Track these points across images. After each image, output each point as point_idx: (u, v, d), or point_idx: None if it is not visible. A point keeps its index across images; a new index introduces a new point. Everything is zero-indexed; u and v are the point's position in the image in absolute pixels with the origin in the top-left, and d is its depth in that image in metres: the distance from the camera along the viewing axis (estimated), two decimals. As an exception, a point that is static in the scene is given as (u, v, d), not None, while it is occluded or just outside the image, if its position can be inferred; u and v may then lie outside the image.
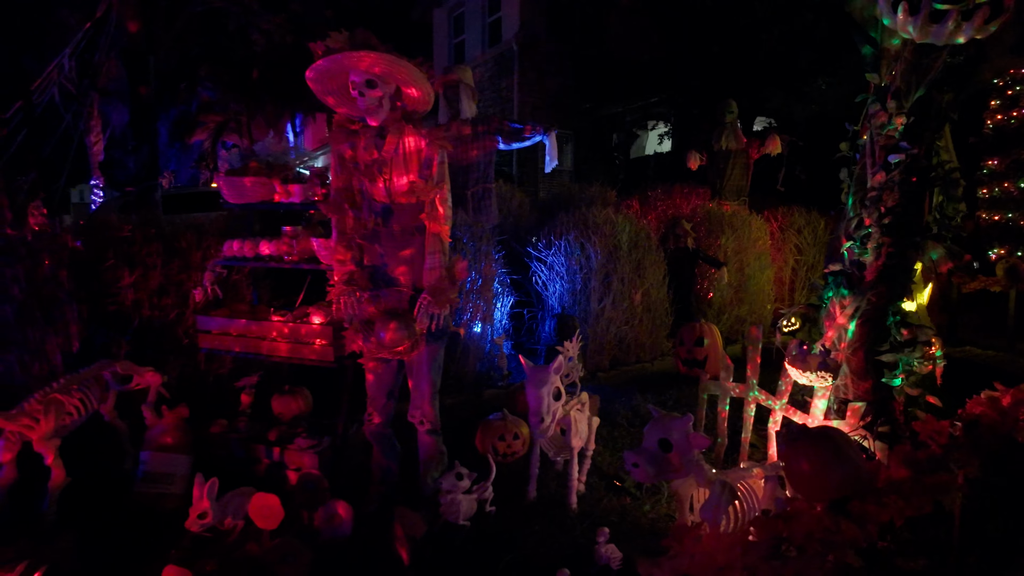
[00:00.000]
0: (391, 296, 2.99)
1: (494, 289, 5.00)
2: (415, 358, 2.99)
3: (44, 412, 2.80)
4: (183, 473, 3.15)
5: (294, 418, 3.44)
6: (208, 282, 3.44)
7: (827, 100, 12.99)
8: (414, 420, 3.09)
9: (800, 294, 7.85)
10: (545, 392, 2.87)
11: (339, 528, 2.59)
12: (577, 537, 2.83)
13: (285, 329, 3.21)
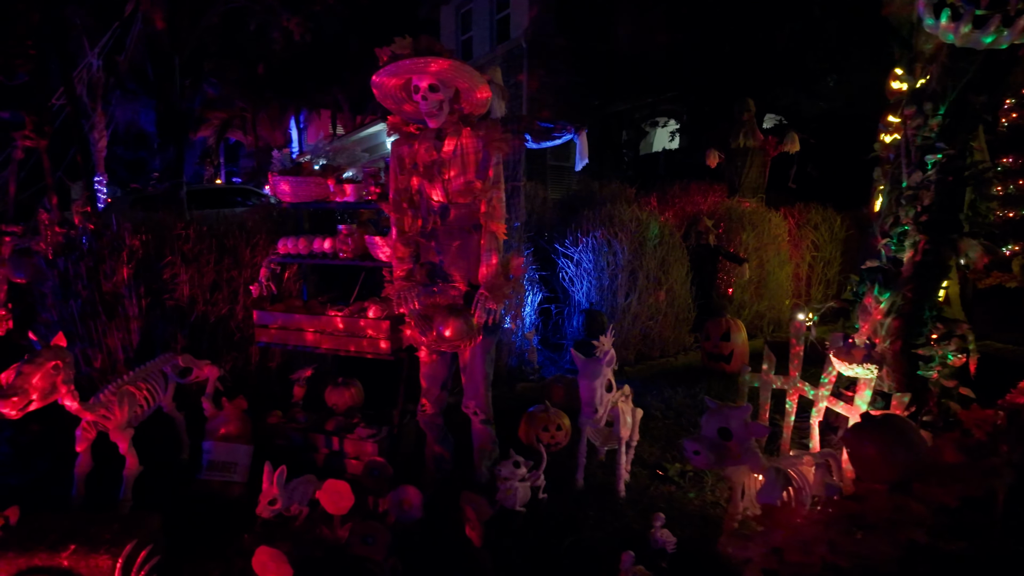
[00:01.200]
0: (447, 292, 3.11)
1: (523, 285, 5.13)
2: (470, 351, 3.12)
3: (119, 403, 2.92)
4: (245, 462, 3.28)
5: (348, 409, 3.56)
6: (264, 278, 3.56)
7: (835, 98, 13.09)
8: (468, 411, 3.21)
9: (816, 290, 7.97)
10: (598, 384, 3.00)
11: (409, 512, 2.72)
12: (630, 522, 2.96)
13: (342, 323, 3.33)
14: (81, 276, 3.48)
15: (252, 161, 28.98)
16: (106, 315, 3.50)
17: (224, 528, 2.90)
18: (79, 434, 2.91)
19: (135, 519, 2.54)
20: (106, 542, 2.37)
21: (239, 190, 14.32)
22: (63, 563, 2.30)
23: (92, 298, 3.47)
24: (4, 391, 2.47)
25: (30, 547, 2.34)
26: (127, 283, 3.53)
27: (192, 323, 3.72)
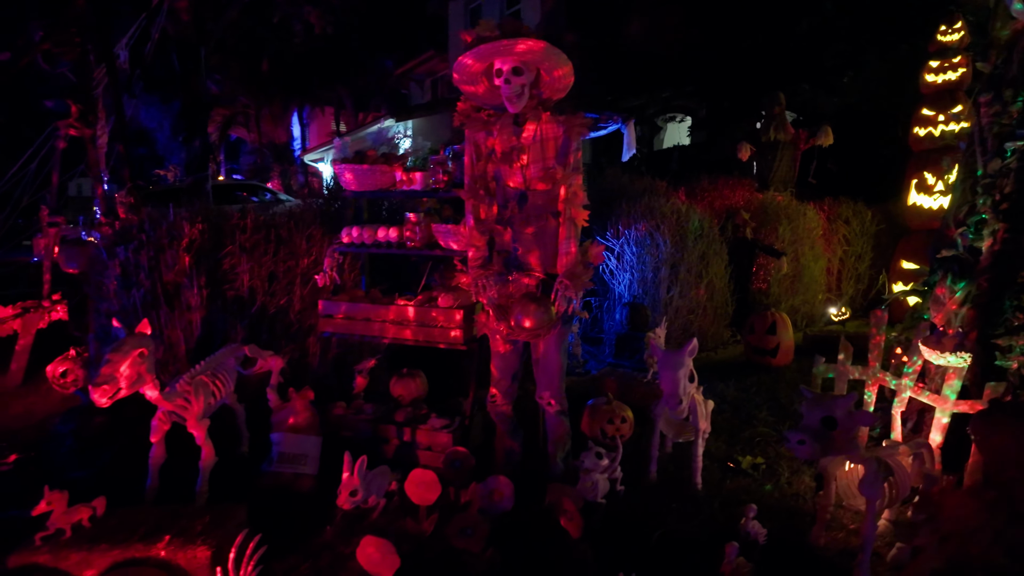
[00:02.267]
0: (521, 281, 3.05)
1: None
2: (545, 341, 3.06)
3: (195, 393, 2.87)
4: (315, 454, 3.23)
5: (413, 400, 3.51)
6: (329, 267, 3.50)
7: (850, 94, 13.05)
8: (542, 401, 3.16)
9: (847, 284, 7.94)
10: (682, 375, 2.96)
11: (500, 503, 2.67)
12: (714, 514, 2.91)
13: (414, 313, 3.28)
14: (142, 266, 3.42)
15: (254, 158, 28.87)
16: (167, 305, 3.44)
17: (301, 520, 2.85)
18: (155, 424, 2.86)
19: (224, 511, 2.49)
20: (200, 534, 2.32)
21: (246, 186, 14.29)
22: (160, 554, 2.25)
23: (154, 288, 3.42)
24: (95, 379, 2.41)
25: (124, 539, 2.29)
26: (188, 273, 3.48)
27: (252, 314, 3.66)
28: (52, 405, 4.37)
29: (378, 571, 2.24)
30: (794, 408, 4.32)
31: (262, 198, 12.50)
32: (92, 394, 2.41)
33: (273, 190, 15.35)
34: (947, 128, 6.77)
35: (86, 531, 2.35)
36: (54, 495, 2.31)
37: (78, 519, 2.36)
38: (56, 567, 2.24)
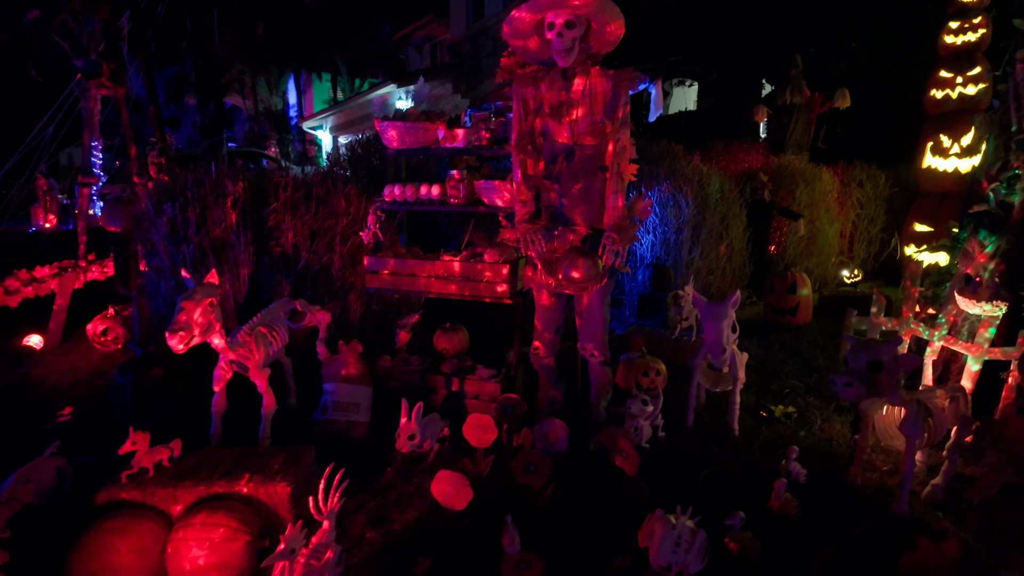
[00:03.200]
0: (566, 236, 3.13)
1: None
2: (591, 294, 3.16)
3: (255, 343, 2.96)
4: (367, 403, 3.34)
5: (457, 353, 3.62)
6: (372, 224, 3.57)
7: (859, 58, 12.93)
8: (585, 352, 3.27)
9: (859, 247, 8.04)
10: (725, 325, 3.06)
11: (555, 445, 2.80)
12: (754, 458, 3.06)
13: (460, 268, 3.36)
14: (190, 222, 3.48)
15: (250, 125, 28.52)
16: (216, 261, 3.50)
17: (361, 464, 2.97)
18: (217, 374, 2.96)
19: (296, 452, 2.61)
20: (277, 472, 2.44)
21: (244, 153, 14.22)
22: (242, 490, 2.37)
23: (202, 245, 3.48)
24: (171, 326, 2.50)
25: (206, 477, 2.41)
26: (234, 229, 3.53)
27: (297, 271, 3.73)
28: (95, 362, 4.48)
29: (452, 503, 2.37)
30: (817, 363, 4.46)
31: (259, 165, 12.45)
32: (168, 340, 2.50)
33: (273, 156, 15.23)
34: (965, 90, 6.77)
35: (168, 470, 2.47)
36: (138, 435, 2.42)
37: (159, 459, 2.47)
38: (144, 502, 2.36)
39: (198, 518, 2.21)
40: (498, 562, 2.26)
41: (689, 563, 2.06)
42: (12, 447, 3.27)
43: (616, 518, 2.50)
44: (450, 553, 2.30)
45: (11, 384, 4.11)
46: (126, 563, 2.13)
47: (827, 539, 2.24)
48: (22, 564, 2.20)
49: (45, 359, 4.46)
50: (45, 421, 3.57)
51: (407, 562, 2.27)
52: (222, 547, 2.15)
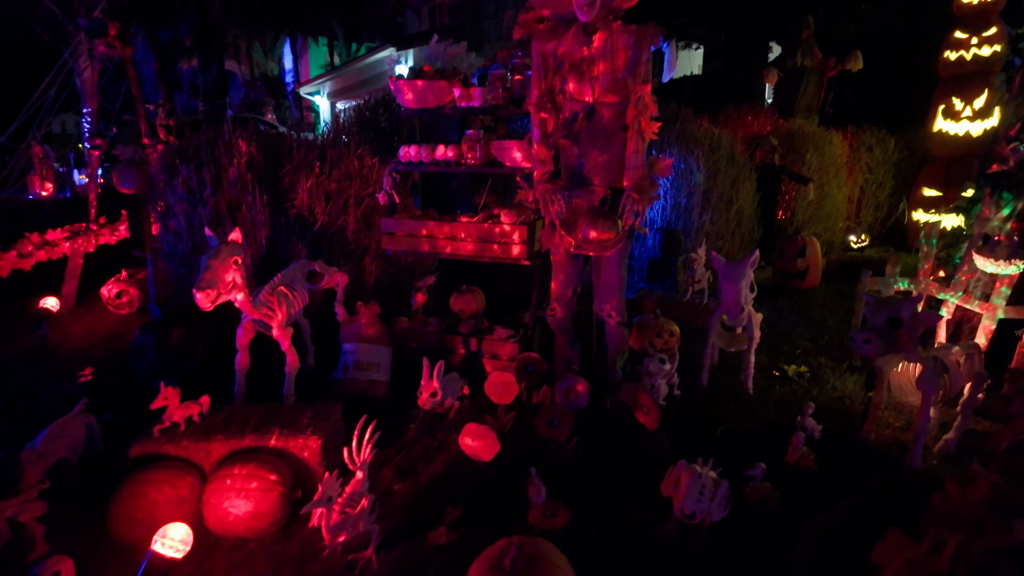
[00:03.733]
0: (584, 196, 3.12)
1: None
2: (609, 255, 3.17)
3: (277, 302, 2.98)
4: (386, 363, 3.39)
5: (473, 314, 3.65)
6: (388, 186, 3.55)
7: (869, 21, 12.68)
8: (602, 313, 3.30)
9: (866, 213, 8.01)
10: (743, 285, 3.09)
11: (576, 401, 2.85)
12: (770, 414, 3.11)
13: (477, 230, 3.36)
14: (205, 184, 3.46)
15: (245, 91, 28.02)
16: (232, 222, 3.50)
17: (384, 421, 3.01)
18: (240, 333, 2.99)
19: (323, 408, 2.66)
20: (307, 426, 2.49)
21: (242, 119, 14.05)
22: (272, 444, 2.42)
23: (218, 206, 3.47)
24: (199, 283, 2.52)
25: (237, 431, 2.46)
26: (250, 191, 3.52)
27: (313, 234, 3.73)
28: (111, 325, 4.51)
29: (479, 455, 2.43)
30: (827, 325, 4.50)
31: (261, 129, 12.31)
32: (196, 297, 2.52)
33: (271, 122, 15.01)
34: (979, 52, 6.67)
35: (198, 425, 2.52)
36: (168, 391, 2.46)
37: (189, 414, 2.52)
38: (177, 456, 2.42)
39: (234, 470, 2.26)
40: (525, 511, 2.33)
41: (713, 511, 2.12)
42: (37, 407, 3.32)
43: (637, 470, 2.56)
44: (478, 502, 2.36)
45: (30, 346, 4.15)
46: (164, 513, 2.19)
47: (843, 492, 2.31)
48: (59, 515, 2.26)
49: (61, 322, 4.48)
50: (67, 382, 3.62)
51: (436, 511, 2.34)
52: (258, 497, 2.21)
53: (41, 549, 2.19)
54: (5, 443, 2.98)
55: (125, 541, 2.20)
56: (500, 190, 4.36)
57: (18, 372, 3.80)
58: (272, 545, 2.22)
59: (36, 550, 2.19)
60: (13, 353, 4.16)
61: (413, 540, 2.21)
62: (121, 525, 2.20)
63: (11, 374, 3.78)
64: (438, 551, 2.15)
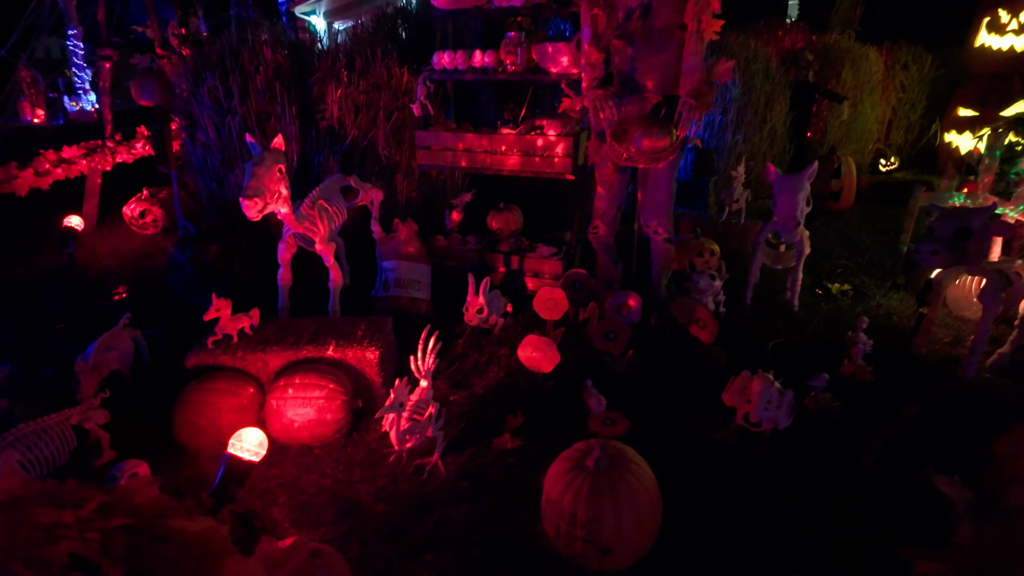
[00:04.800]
0: (635, 103, 2.97)
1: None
2: (659, 168, 3.04)
3: (319, 216, 2.89)
4: (426, 280, 3.34)
5: (511, 232, 3.57)
6: (422, 96, 3.38)
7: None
8: (648, 230, 3.21)
9: (896, 134, 7.76)
10: (800, 198, 2.98)
11: (629, 316, 2.82)
12: (818, 329, 3.09)
13: (518, 143, 3.22)
14: (232, 93, 3.28)
15: (236, 11, 26.57)
16: (262, 133, 3.35)
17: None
18: (282, 247, 2.92)
19: (375, 321, 2.62)
20: (362, 338, 2.46)
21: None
22: (329, 355, 2.40)
23: (247, 117, 3.31)
24: (245, 191, 2.42)
25: (292, 343, 2.43)
26: (279, 100, 3.35)
27: (344, 149, 3.58)
28: (136, 245, 4.44)
29: (538, 366, 2.41)
30: (865, 245, 4.43)
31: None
32: (243, 205, 2.43)
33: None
34: (1032, -43, 6.24)
35: (252, 337, 2.49)
36: (221, 302, 2.41)
37: (241, 326, 2.48)
38: (234, 367, 2.40)
39: (295, 379, 2.25)
40: (582, 420, 2.34)
41: (780, 419, 2.12)
42: (77, 323, 3.30)
43: (693, 382, 2.56)
44: (536, 412, 2.37)
45: (58, 265, 4.10)
46: (228, 421, 2.20)
47: (898, 403, 2.31)
48: (120, 423, 2.27)
49: (86, 242, 4.41)
50: (101, 299, 3.59)
51: (494, 420, 2.35)
52: (322, 405, 2.21)
53: (108, 455, 2.22)
54: (51, 357, 2.98)
55: (190, 447, 2.22)
56: (532, 104, 4.17)
57: (51, 290, 3.76)
58: (337, 451, 2.24)
59: (103, 456, 2.21)
60: (41, 271, 4.12)
61: (478, 445, 2.23)
62: (186, 432, 2.21)
63: (44, 292, 3.75)
64: (504, 455, 2.17)
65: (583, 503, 1.61)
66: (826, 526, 1.85)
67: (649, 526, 1.66)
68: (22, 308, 3.53)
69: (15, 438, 2.01)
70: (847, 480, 2.02)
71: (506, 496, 2.01)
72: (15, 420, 2.29)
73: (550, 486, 1.71)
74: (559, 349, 2.80)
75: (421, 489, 2.06)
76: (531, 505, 1.96)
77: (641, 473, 1.70)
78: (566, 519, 1.63)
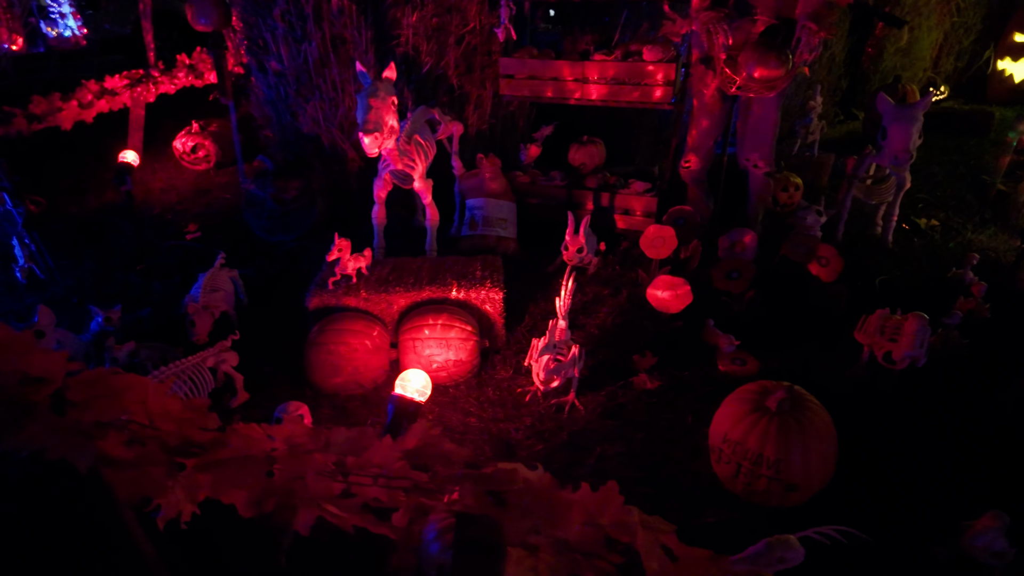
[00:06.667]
0: (744, 26, 2.80)
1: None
2: (767, 98, 2.91)
3: (416, 152, 2.77)
4: (512, 219, 3.25)
5: (595, 167, 3.45)
6: (506, 18, 3.17)
7: None
8: (748, 164, 3.11)
9: (946, 61, 7.48)
10: (915, 129, 2.87)
11: (743, 254, 2.76)
12: (920, 265, 3.06)
13: (615, 70, 3.06)
14: (306, 16, 3.06)
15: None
16: (337, 61, 3.16)
17: (520, 276, 2.94)
18: (378, 184, 2.81)
19: (487, 259, 2.57)
20: (484, 278, 2.41)
21: None
22: (452, 295, 2.36)
23: (324, 42, 3.11)
24: (364, 125, 2.30)
25: (413, 284, 2.38)
26: (355, 24, 3.13)
27: (420, 78, 3.40)
28: (191, 181, 4.29)
29: (667, 307, 2.38)
30: (939, 178, 4.34)
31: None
32: (364, 142, 2.31)
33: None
34: None
35: (370, 278, 2.43)
36: (343, 242, 2.34)
37: (359, 266, 2.42)
38: (357, 307, 2.36)
39: (427, 320, 2.21)
40: (707, 358, 2.33)
41: (921, 357, 2.12)
42: (154, 262, 3.22)
43: (813, 320, 2.54)
44: (665, 349, 2.35)
45: (114, 202, 3.97)
46: (363, 361, 2.18)
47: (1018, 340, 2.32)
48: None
49: (136, 177, 4.24)
50: (173, 238, 3.50)
51: (617, 359, 2.34)
52: (458, 346, 2.19)
53: (242, 396, 2.21)
54: (143, 297, 2.93)
55: (326, 387, 2.21)
56: (602, 28, 3.95)
57: (114, 228, 3.66)
58: (472, 391, 2.24)
59: (238, 397, 2.20)
60: (96, 208, 4.00)
61: (614, 385, 2.23)
62: (324, 372, 2.19)
63: (108, 230, 3.64)
64: (644, 395, 2.17)
65: (771, 443, 1.61)
66: (983, 463, 1.88)
67: (830, 462, 1.68)
68: (89, 246, 3.44)
69: (156, 380, 1.98)
70: (994, 418, 2.04)
71: (655, 434, 2.03)
72: (142, 361, 2.27)
73: (728, 427, 1.71)
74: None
75: (567, 427, 2.07)
76: (683, 444, 1.98)
77: (821, 412, 1.70)
78: (751, 458, 1.64)
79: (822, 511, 1.69)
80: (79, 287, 3.04)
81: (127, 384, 1.21)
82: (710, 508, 1.75)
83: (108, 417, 1.20)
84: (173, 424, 1.20)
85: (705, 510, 1.74)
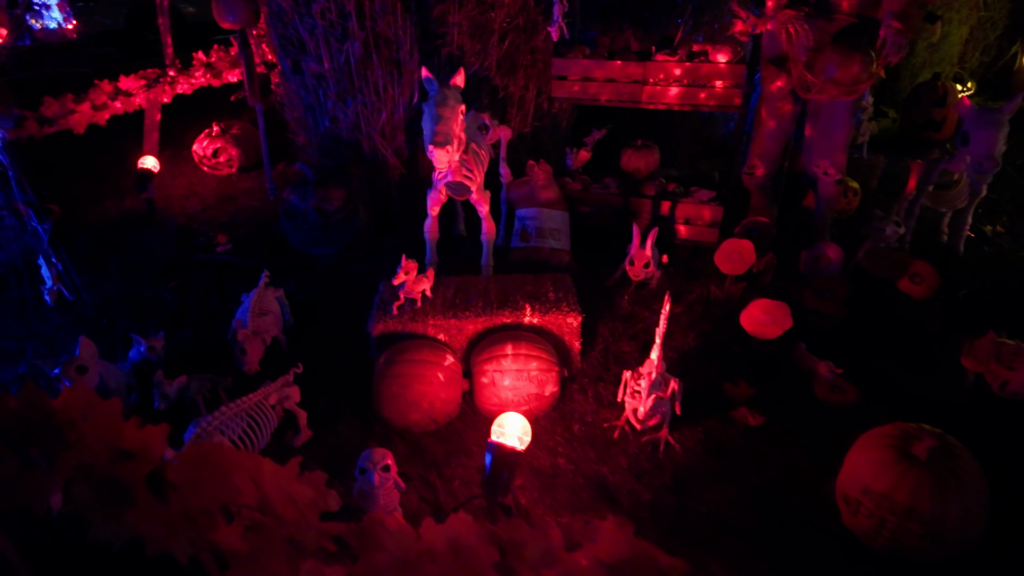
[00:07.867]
0: (819, 25, 2.63)
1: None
2: (841, 101, 2.74)
3: (474, 162, 2.58)
4: (566, 229, 3.07)
5: (649, 173, 3.27)
6: (558, 15, 2.97)
7: None
8: (817, 170, 2.94)
9: (971, 56, 7.34)
10: (1002, 135, 2.71)
11: (827, 268, 2.60)
12: (1000, 277, 2.91)
13: (681, 71, 2.87)
14: (348, 14, 2.85)
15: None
16: (380, 63, 2.95)
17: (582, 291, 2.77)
18: (434, 197, 2.62)
19: (557, 278, 2.39)
20: (558, 301, 2.24)
21: None
22: (524, 320, 2.18)
23: (367, 42, 2.89)
24: (434, 137, 2.10)
25: (483, 308, 2.20)
26: (400, 24, 2.92)
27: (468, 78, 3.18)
28: (213, 186, 4.07)
29: (764, 331, 2.21)
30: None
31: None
32: (435, 156, 2.13)
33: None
34: None
35: (435, 301, 2.25)
36: (409, 264, 2.15)
37: (423, 289, 2.24)
38: (425, 334, 2.17)
39: (506, 348, 2.03)
40: (806, 384, 2.18)
41: None
42: (185, 278, 3.01)
43: (906, 340, 2.38)
44: (756, 376, 2.19)
45: (134, 210, 3.75)
46: (437, 395, 2.00)
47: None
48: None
49: (155, 183, 4.02)
50: (202, 250, 3.28)
51: (703, 387, 2.17)
52: (539, 378, 2.01)
53: (305, 435, 2.02)
54: (180, 317, 2.72)
55: (400, 424, 2.02)
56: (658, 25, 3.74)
57: (137, 238, 3.43)
58: (553, 425, 2.07)
59: (300, 435, 2.02)
60: (116, 216, 3.76)
61: (711, 418, 2.06)
62: (398, 406, 2.00)
63: (131, 240, 3.41)
64: (746, 429, 2.01)
65: (926, 498, 1.45)
66: None
67: (986, 514, 1.52)
68: (112, 258, 3.22)
69: (220, 422, 1.80)
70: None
71: (765, 476, 1.86)
72: (192, 395, 2.08)
73: (870, 477, 1.54)
74: (739, 304, 2.61)
75: (668, 469, 1.90)
76: (801, 487, 1.82)
77: (970, 459, 1.54)
78: (899, 513, 1.48)
79: (972, 564, 1.54)
80: (107, 306, 2.83)
81: (236, 462, 1.03)
82: (852, 565, 1.59)
83: (216, 502, 1.01)
84: (296, 511, 1.02)
85: (845, 566, 1.58)
